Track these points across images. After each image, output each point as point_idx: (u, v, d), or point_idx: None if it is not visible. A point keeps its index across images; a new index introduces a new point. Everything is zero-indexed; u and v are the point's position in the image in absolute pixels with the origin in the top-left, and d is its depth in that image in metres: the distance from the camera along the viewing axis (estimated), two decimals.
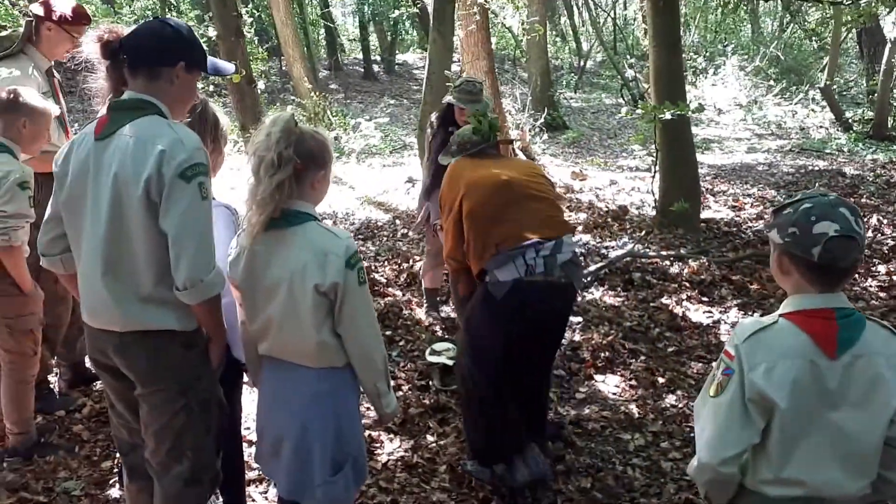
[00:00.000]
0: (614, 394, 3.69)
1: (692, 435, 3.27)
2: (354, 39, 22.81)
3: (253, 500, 2.75)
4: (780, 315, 1.56)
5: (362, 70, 19.74)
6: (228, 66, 2.16)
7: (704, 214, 6.58)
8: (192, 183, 1.84)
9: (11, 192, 2.63)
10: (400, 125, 13.24)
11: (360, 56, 20.67)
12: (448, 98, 4.15)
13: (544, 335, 2.88)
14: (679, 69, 5.67)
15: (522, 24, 9.99)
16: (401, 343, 4.14)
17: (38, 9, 3.09)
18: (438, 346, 3.82)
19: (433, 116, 4.36)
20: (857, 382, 1.49)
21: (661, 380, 3.79)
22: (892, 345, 1.55)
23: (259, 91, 6.78)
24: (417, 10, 16.04)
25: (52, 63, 3.23)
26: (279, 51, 12.97)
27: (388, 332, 4.19)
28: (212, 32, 6.41)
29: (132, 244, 1.87)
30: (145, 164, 1.82)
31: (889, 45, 10.82)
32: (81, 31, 3.07)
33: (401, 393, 3.59)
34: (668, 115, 4.99)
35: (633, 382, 3.77)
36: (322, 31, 19.60)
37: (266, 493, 2.81)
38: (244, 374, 2.34)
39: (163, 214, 1.84)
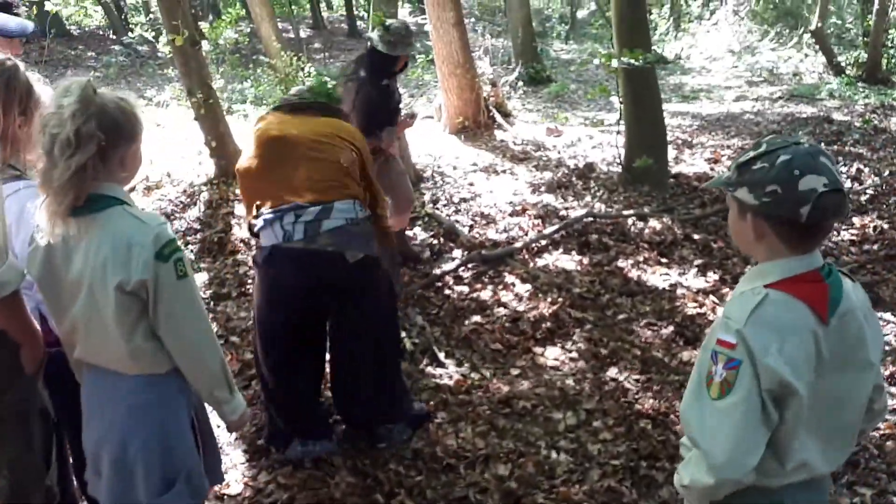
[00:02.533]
0: (553, 368, 3.47)
1: (628, 412, 3.07)
2: None
3: None
4: (765, 286, 1.33)
5: (346, 27, 19.22)
6: (19, 25, 1.88)
7: (677, 169, 6.27)
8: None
9: None
10: None
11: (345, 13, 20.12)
12: (377, 42, 3.81)
13: (322, 311, 2.66)
14: (643, 15, 5.30)
15: None
16: None
17: None
18: None
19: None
20: (845, 344, 1.34)
21: (604, 351, 3.56)
22: (859, 293, 1.39)
23: (204, 52, 6.38)
24: None
25: None
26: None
27: None
28: None
29: None
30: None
31: None
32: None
33: None
34: (615, 64, 4.64)
35: (574, 355, 3.55)
36: None
37: None
38: None
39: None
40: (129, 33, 13.93)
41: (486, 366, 3.45)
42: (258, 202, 2.60)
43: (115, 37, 15.97)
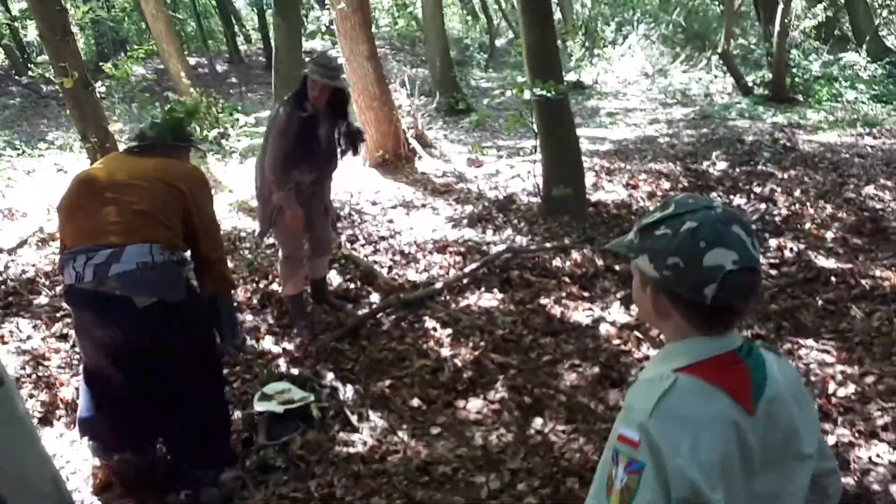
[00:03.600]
0: (475, 423, 3.24)
1: (555, 470, 2.87)
2: (256, 29, 21.82)
3: None
4: (675, 370, 1.11)
5: (264, 60, 18.84)
6: None
7: (597, 196, 6.22)
8: None
9: None
10: None
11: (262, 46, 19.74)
12: (305, 70, 3.73)
13: (122, 357, 2.58)
14: (552, 45, 5.24)
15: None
16: (235, 384, 3.58)
17: None
18: (272, 387, 3.30)
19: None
20: (774, 437, 1.13)
21: (528, 399, 3.36)
22: (787, 372, 1.19)
23: (100, 95, 5.99)
24: None
25: None
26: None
27: (225, 370, 3.63)
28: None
29: None
30: None
31: (781, 6, 10.72)
32: None
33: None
34: (527, 95, 4.54)
35: (497, 406, 3.34)
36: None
37: None
38: None
39: None
40: (30, 73, 13.21)
41: (404, 427, 3.19)
42: (65, 242, 2.66)
43: (17, 77, 15.14)
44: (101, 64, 11.00)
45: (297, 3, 5.98)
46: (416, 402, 3.37)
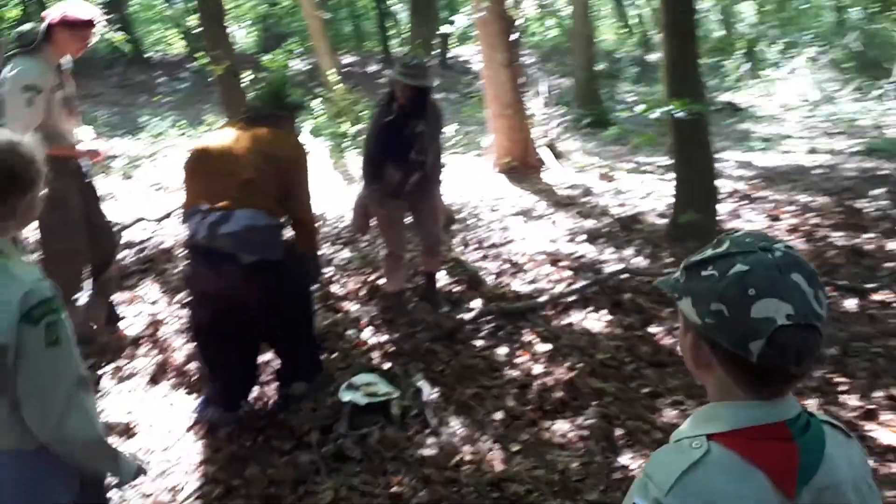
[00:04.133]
0: (558, 446, 3.09)
1: None
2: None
3: None
4: (709, 436, 0.97)
5: None
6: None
7: (732, 224, 5.79)
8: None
9: None
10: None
11: None
12: (391, 73, 3.94)
13: (225, 302, 2.94)
14: (693, 62, 4.92)
15: (539, 6, 9.29)
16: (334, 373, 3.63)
17: (52, 14, 3.41)
18: (359, 378, 3.32)
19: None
20: None
21: (619, 430, 3.16)
22: (854, 457, 1.02)
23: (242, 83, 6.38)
24: None
25: (63, 59, 3.54)
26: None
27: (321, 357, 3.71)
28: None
29: None
30: None
31: None
32: (87, 34, 3.47)
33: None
34: (656, 114, 4.28)
35: (585, 432, 3.16)
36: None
37: None
38: None
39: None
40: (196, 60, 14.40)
41: (484, 438, 3.10)
42: (188, 201, 3.03)
43: (190, 63, 16.53)
44: (258, 56, 11.74)
45: (432, 9, 6.01)
46: (500, 414, 3.27)
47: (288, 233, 3.17)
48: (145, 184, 7.60)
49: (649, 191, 7.15)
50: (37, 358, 1.44)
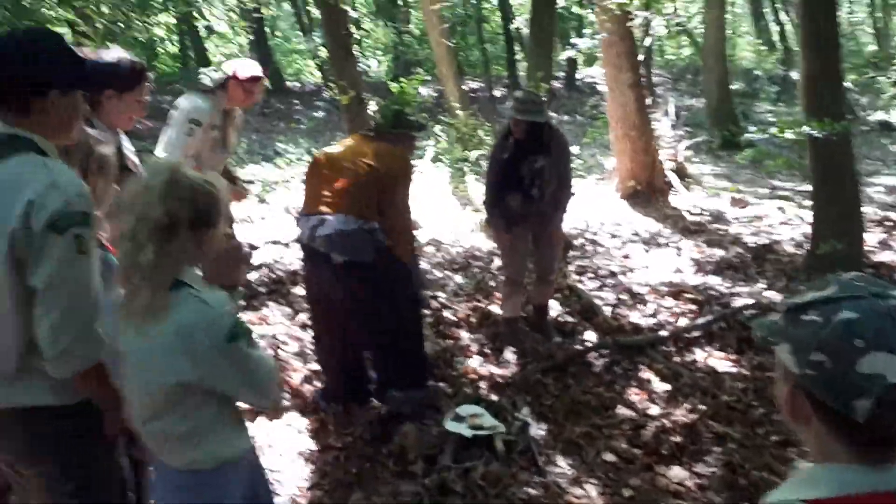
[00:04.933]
0: (674, 494, 2.88)
1: None
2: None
3: None
4: (805, 502, 0.87)
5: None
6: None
7: (880, 256, 5.26)
8: (65, 235, 1.57)
9: None
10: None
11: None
12: (507, 107, 4.18)
13: (325, 298, 3.27)
14: (835, 76, 4.52)
15: (667, 26, 8.92)
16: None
17: (228, 68, 3.83)
18: (464, 409, 3.27)
19: None
20: None
21: (743, 481, 2.90)
22: None
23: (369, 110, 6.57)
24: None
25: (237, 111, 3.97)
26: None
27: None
28: None
29: None
30: (10, 217, 1.56)
31: None
32: (255, 87, 3.84)
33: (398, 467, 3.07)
34: (790, 134, 3.95)
35: (704, 481, 2.93)
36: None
37: None
38: None
39: (30, 272, 1.58)
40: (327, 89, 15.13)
41: (593, 481, 2.94)
42: (303, 206, 3.37)
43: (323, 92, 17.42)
44: (389, 83, 12.13)
45: (550, 34, 5.96)
46: (611, 456, 3.10)
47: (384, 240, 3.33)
48: (279, 207, 8.03)
49: (786, 218, 6.65)
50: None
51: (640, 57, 7.95)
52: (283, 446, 3.30)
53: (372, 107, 6.63)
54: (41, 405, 1.68)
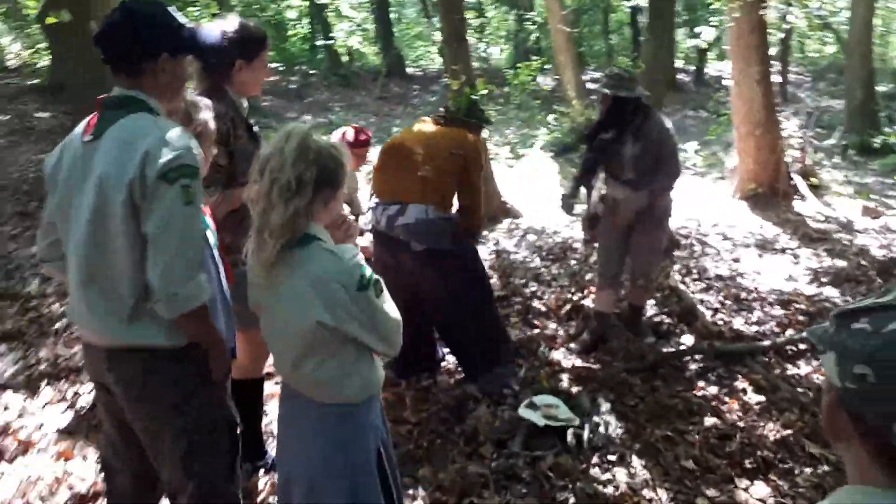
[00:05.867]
0: None
1: None
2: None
3: None
4: None
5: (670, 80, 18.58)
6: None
7: None
8: (174, 185, 1.71)
9: None
10: (687, 137, 11.83)
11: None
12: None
13: (403, 287, 3.10)
14: None
15: (807, 19, 8.28)
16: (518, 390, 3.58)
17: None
18: (540, 398, 3.23)
19: None
20: None
21: None
22: None
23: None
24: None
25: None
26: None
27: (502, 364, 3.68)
28: None
29: (115, 254, 1.77)
30: (129, 167, 1.72)
31: None
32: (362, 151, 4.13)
33: (468, 447, 3.07)
34: None
35: (788, 501, 2.74)
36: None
37: None
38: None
39: (143, 219, 1.74)
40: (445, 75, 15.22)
41: (667, 486, 2.83)
42: (375, 193, 3.39)
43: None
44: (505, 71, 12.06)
45: (671, 22, 5.68)
46: (690, 463, 2.96)
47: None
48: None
49: None
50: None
51: (773, 51, 7.44)
52: None
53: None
54: (156, 346, 1.81)
